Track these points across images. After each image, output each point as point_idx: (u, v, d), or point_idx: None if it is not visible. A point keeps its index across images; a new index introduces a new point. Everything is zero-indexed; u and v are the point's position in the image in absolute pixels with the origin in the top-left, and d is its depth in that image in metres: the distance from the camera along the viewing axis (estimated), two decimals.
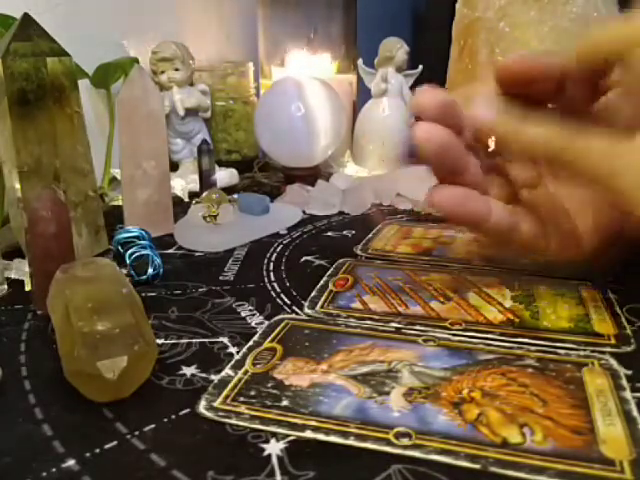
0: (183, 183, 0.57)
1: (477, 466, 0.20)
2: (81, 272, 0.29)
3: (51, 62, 0.37)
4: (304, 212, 0.52)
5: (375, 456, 0.21)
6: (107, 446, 0.22)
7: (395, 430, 0.22)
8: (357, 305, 0.33)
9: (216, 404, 0.24)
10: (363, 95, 0.69)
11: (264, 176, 0.67)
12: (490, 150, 0.33)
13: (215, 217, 0.45)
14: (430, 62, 0.63)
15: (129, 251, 0.38)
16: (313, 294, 0.35)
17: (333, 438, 0.22)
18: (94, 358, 0.24)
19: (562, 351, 0.28)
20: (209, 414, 0.24)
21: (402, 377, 0.26)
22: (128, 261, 0.37)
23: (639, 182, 0.26)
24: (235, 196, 0.49)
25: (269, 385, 0.25)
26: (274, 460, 0.21)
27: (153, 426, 0.23)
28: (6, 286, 0.36)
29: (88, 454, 0.21)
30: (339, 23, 0.68)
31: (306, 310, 0.33)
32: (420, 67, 0.65)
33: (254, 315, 0.33)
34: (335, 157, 0.64)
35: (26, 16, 0.37)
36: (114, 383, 0.24)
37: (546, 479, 0.20)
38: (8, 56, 0.35)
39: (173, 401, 0.25)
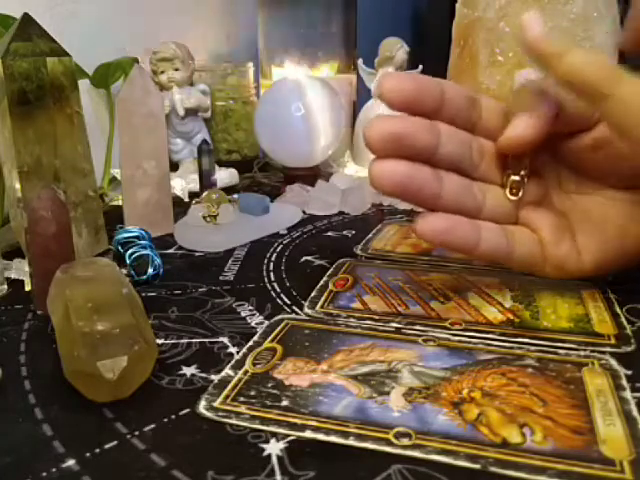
0: (183, 183, 0.57)
1: (477, 466, 0.20)
2: (81, 272, 0.29)
3: (51, 62, 0.37)
4: (304, 212, 0.52)
5: (375, 456, 0.21)
6: (107, 446, 0.22)
7: (395, 430, 0.22)
8: (357, 305, 0.33)
9: (216, 404, 0.24)
10: (363, 95, 0.69)
11: (264, 176, 0.67)
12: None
13: (215, 217, 0.45)
14: (430, 62, 0.63)
15: (129, 251, 0.38)
16: (313, 294, 0.35)
17: (333, 438, 0.22)
18: (94, 358, 0.24)
19: (562, 351, 0.28)
20: (209, 414, 0.24)
21: (402, 377, 0.26)
22: (128, 261, 0.37)
23: None
24: (235, 196, 0.49)
25: (269, 385, 0.25)
26: (274, 460, 0.21)
27: (153, 426, 0.23)
28: (6, 286, 0.36)
29: (88, 454, 0.21)
30: (339, 23, 0.68)
31: (306, 310, 0.33)
32: (420, 67, 0.65)
33: (254, 315, 0.33)
34: (335, 157, 0.64)
35: (26, 16, 0.37)
36: (114, 383, 0.24)
37: (546, 479, 0.20)
38: (8, 56, 0.35)
39: (173, 401, 0.25)
